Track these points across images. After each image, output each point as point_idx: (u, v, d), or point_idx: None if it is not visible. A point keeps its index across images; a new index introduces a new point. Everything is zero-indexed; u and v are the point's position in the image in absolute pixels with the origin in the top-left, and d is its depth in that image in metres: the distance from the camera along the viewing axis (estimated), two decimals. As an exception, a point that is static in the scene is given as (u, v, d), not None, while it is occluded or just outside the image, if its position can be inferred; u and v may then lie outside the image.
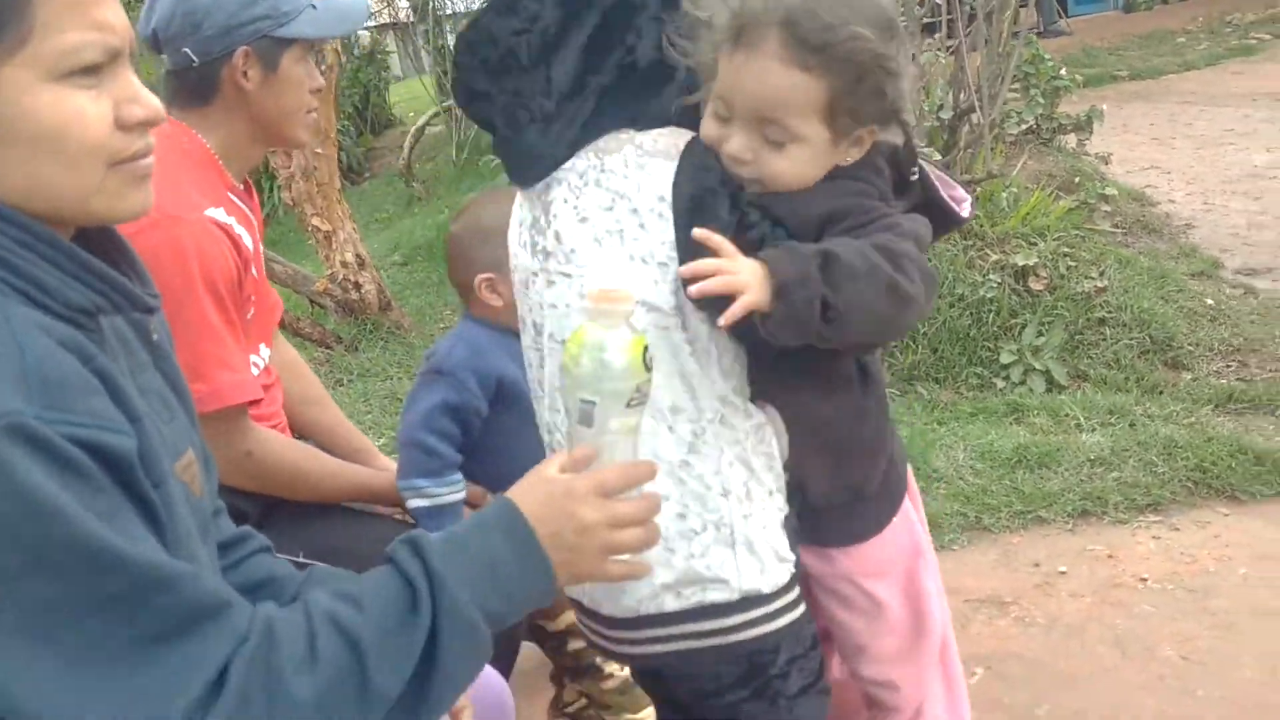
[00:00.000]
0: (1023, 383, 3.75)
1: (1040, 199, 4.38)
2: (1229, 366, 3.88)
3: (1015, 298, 3.95)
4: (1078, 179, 5.28)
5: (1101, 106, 5.53)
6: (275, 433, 1.77)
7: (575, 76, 1.21)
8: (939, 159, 4.24)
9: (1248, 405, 3.54)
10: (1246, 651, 2.35)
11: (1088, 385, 3.76)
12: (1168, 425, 3.30)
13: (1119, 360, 3.84)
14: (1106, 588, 2.64)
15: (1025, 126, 5.38)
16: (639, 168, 1.19)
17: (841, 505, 1.34)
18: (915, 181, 1.31)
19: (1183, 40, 10.08)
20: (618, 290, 1.05)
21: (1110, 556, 2.77)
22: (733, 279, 1.07)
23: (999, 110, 4.61)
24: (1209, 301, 4.29)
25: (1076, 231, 4.38)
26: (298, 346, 4.65)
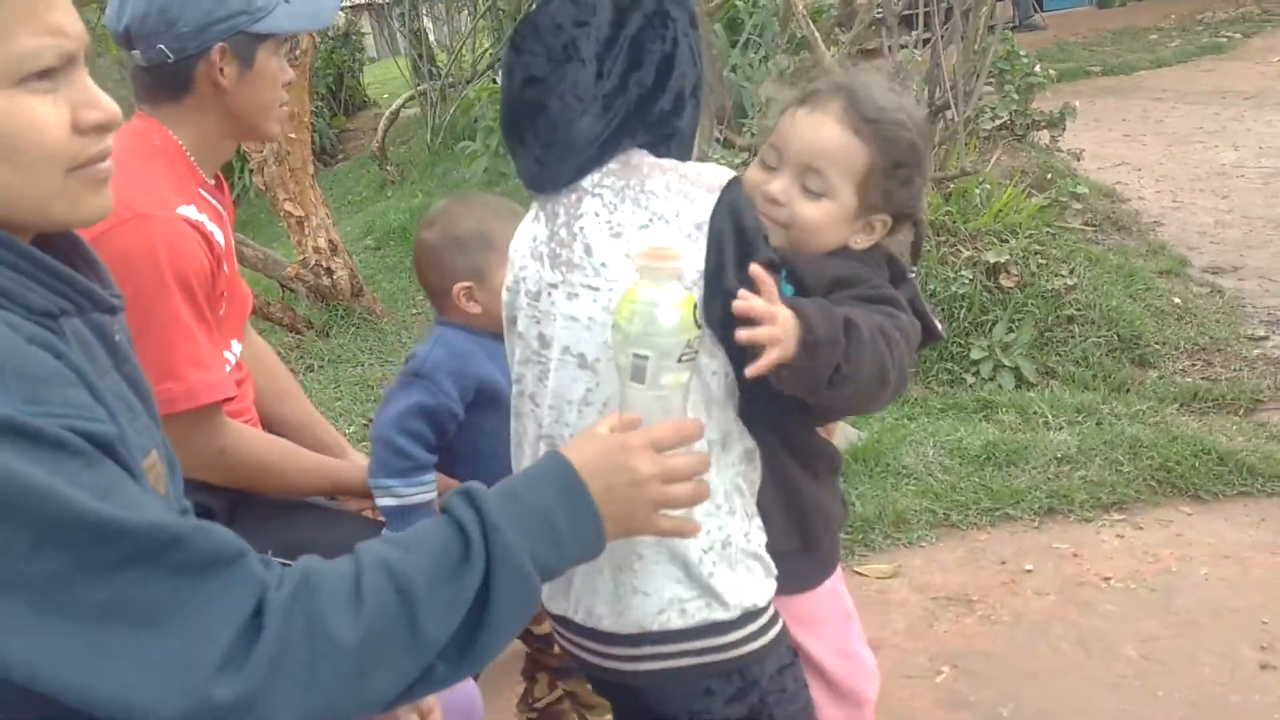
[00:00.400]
0: (992, 379, 3.79)
1: (1013, 196, 4.41)
2: (1194, 365, 3.94)
3: (986, 294, 3.98)
4: (1050, 175, 5.33)
5: (1074, 104, 5.58)
6: (248, 428, 1.76)
7: (621, 74, 1.23)
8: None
9: (1212, 404, 3.60)
10: (1207, 651, 2.39)
11: (1056, 382, 3.80)
12: (1134, 424, 3.34)
13: (1087, 358, 3.89)
14: (1071, 586, 2.68)
15: (999, 122, 5.42)
16: (681, 194, 1.22)
17: (788, 554, 1.36)
18: (907, 283, 1.36)
19: (1155, 37, 10.17)
20: (667, 248, 1.07)
21: (1075, 555, 2.80)
22: (775, 332, 1.09)
23: (974, 107, 4.63)
24: (1176, 300, 4.34)
25: (1048, 229, 4.42)
26: (268, 331, 4.62)
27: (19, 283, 0.91)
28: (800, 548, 1.38)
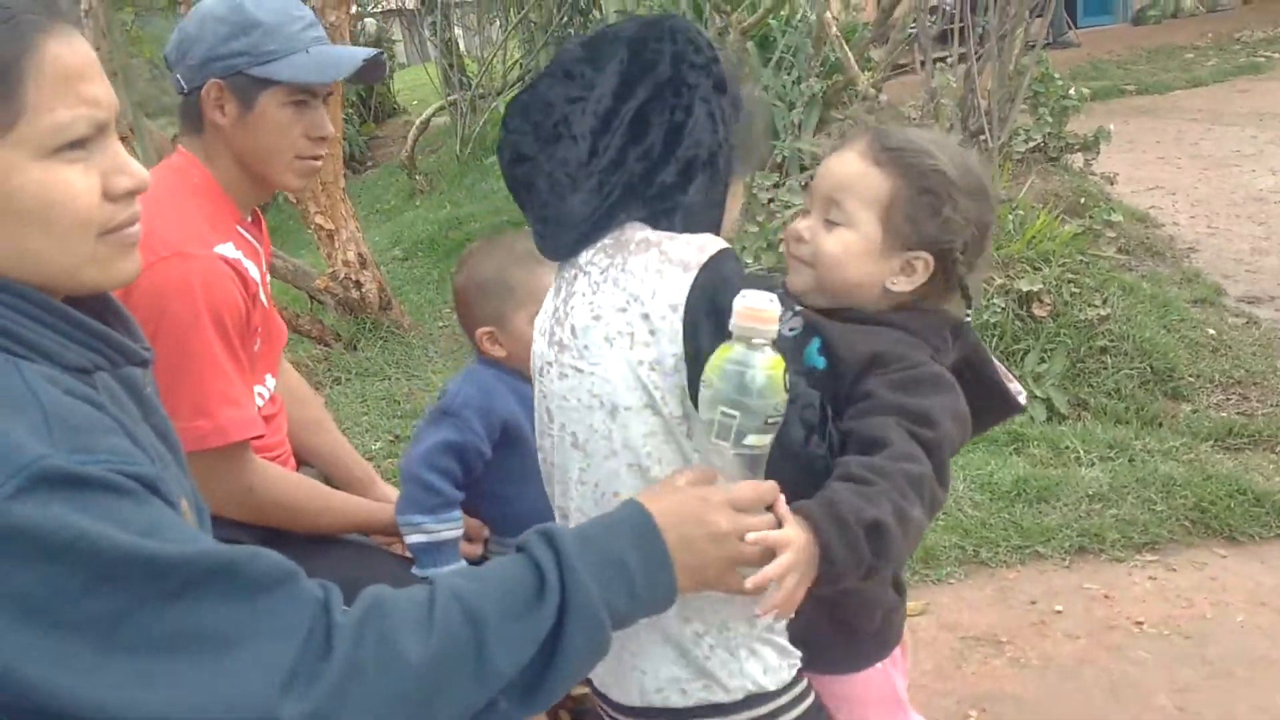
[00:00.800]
0: (1024, 410, 3.74)
1: (1046, 222, 4.37)
2: (1229, 399, 3.88)
3: (1019, 323, 3.94)
4: (1083, 200, 5.27)
5: (1109, 127, 5.52)
6: (276, 466, 1.75)
7: (620, 148, 1.19)
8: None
9: (1247, 441, 3.54)
10: (1242, 702, 2.34)
11: (1088, 414, 3.75)
12: (1167, 461, 3.29)
13: (1120, 390, 3.84)
14: (1102, 630, 2.63)
15: (1033, 145, 5.37)
16: (657, 273, 1.16)
17: (824, 636, 1.31)
18: (973, 349, 1.35)
19: (1191, 56, 10.08)
20: (766, 310, 1.05)
21: (1106, 597, 2.76)
22: (786, 563, 1.04)
23: (1008, 132, 4.59)
24: (1210, 331, 4.28)
25: (1081, 257, 4.37)
26: (296, 342, 4.64)
27: (55, 340, 0.93)
28: (832, 633, 1.33)
